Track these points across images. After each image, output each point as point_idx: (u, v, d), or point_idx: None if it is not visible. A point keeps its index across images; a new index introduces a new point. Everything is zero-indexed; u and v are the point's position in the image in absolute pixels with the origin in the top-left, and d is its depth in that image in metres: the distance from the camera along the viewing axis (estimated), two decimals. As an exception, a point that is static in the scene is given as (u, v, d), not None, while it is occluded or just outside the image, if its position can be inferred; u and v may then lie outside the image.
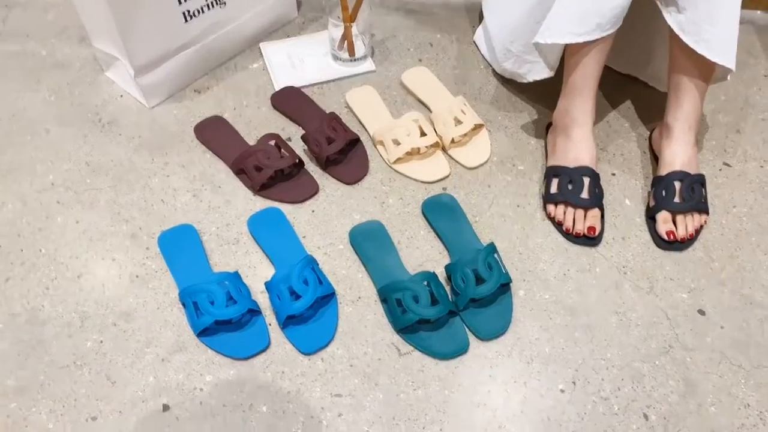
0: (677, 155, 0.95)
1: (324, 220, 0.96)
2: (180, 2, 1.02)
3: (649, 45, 1.07)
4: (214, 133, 1.06)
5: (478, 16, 1.26)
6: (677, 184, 0.94)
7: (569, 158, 0.96)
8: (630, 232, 0.95)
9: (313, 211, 0.97)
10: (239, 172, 1.00)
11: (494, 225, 0.96)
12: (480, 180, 1.01)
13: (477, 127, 1.07)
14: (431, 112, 1.09)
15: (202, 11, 1.06)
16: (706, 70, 0.92)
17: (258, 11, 1.16)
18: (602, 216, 0.95)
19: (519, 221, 0.96)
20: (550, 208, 0.96)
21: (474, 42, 1.21)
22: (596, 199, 0.94)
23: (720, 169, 1.02)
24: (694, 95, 0.94)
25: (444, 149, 1.04)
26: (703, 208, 0.94)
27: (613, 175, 1.02)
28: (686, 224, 0.93)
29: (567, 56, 0.95)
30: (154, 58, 1.05)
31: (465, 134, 1.04)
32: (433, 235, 0.95)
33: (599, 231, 0.93)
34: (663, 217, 0.94)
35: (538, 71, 1.02)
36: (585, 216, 0.93)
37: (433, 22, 1.26)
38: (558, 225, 0.95)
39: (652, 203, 0.96)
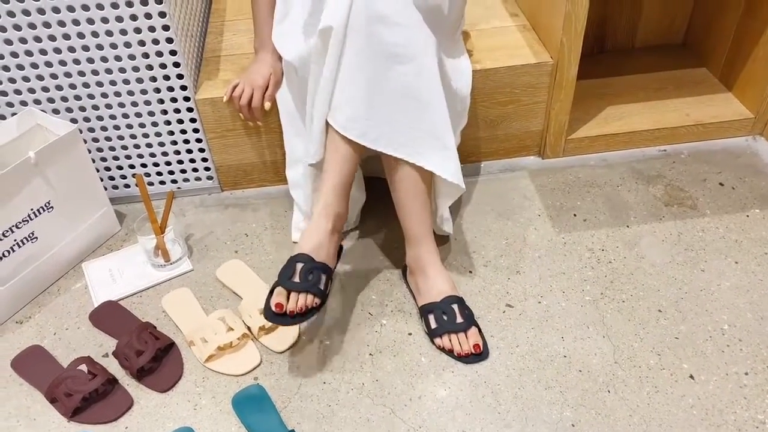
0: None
1: (137, 435, 0.99)
2: (-16, 250, 1.10)
3: None
4: (31, 364, 1.09)
5: (288, 200, 1.37)
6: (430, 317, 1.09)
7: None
8: (426, 390, 1.02)
9: (126, 428, 1.00)
10: (53, 400, 1.03)
11: (302, 408, 1.01)
12: (290, 361, 1.08)
13: (287, 310, 1.15)
14: (244, 303, 1.17)
15: (12, 250, 1.14)
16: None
17: (77, 234, 1.25)
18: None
19: (324, 398, 1.02)
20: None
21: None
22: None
23: (503, 311, 1.13)
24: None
25: (255, 338, 1.12)
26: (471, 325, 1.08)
27: (410, 335, 1.11)
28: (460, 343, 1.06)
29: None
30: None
31: (275, 319, 1.12)
32: (245, 430, 0.99)
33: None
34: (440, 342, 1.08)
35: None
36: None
37: (249, 213, 1.38)
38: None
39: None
